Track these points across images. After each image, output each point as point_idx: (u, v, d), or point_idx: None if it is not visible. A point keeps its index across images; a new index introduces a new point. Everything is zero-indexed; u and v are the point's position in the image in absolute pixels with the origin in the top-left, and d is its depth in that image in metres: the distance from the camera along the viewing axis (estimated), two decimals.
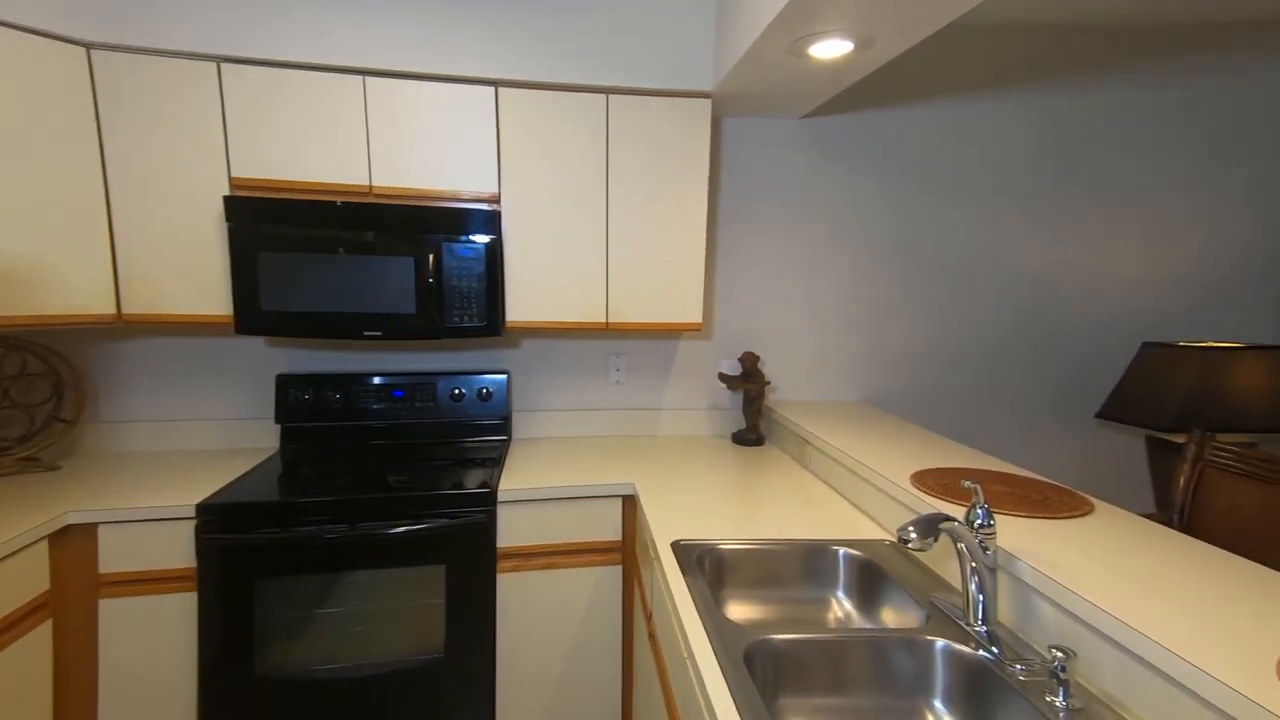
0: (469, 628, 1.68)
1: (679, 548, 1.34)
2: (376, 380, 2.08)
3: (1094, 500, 1.31)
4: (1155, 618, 0.84)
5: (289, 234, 1.71)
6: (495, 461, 1.92)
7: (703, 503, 1.62)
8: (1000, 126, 2.30)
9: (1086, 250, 2.38)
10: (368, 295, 1.77)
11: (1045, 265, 2.38)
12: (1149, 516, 1.63)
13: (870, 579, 1.31)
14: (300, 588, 1.60)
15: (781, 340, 2.40)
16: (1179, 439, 2.08)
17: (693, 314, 2.02)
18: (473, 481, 1.73)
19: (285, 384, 2.03)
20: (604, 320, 1.96)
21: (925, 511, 1.31)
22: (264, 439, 2.09)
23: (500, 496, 1.69)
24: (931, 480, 1.43)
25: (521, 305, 1.90)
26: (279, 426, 2.08)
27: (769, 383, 2.31)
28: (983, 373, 2.43)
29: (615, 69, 1.84)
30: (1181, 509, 1.54)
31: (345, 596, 1.63)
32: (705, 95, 1.88)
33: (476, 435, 2.14)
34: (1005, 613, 1.08)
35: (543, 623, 1.74)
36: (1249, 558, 1.39)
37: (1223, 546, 1.46)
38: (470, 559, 1.67)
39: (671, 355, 2.37)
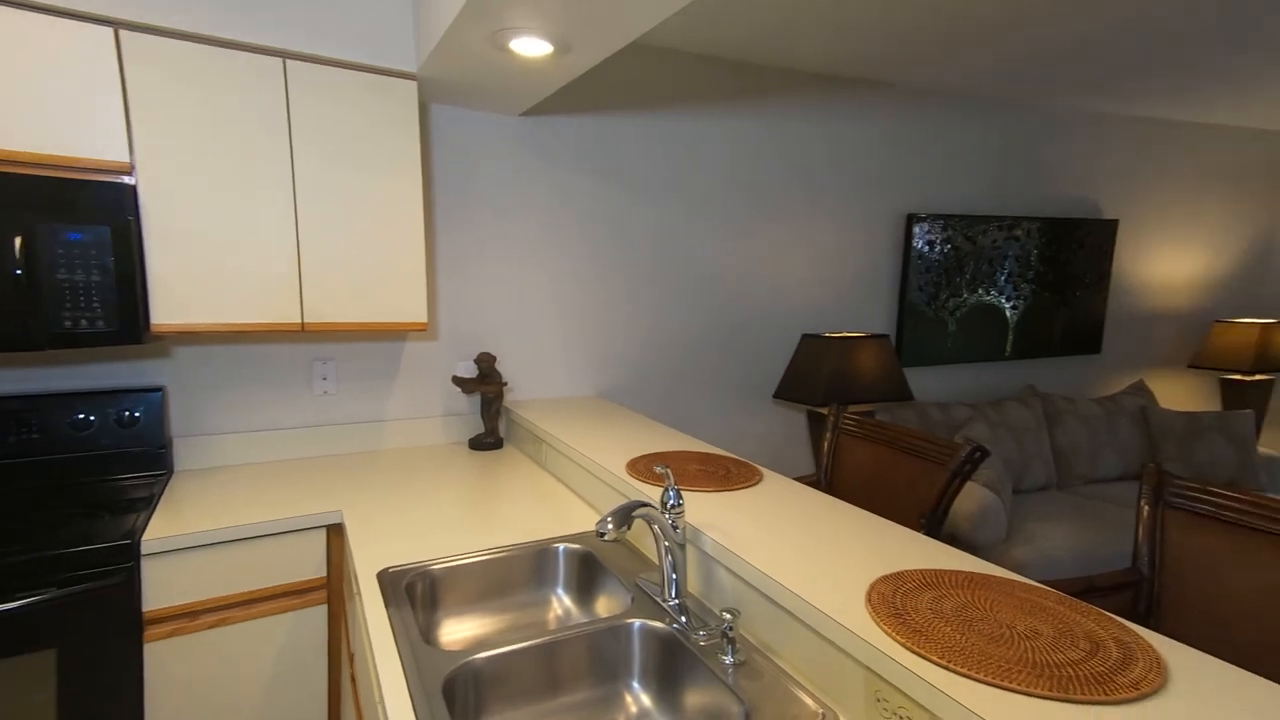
0: None
1: (386, 576, 1.21)
2: None
3: (764, 470, 1.54)
4: (789, 567, 1.01)
5: None
6: (145, 504, 1.51)
7: (426, 520, 1.50)
8: (697, 143, 2.60)
9: (763, 256, 2.83)
10: None
11: (735, 268, 2.77)
12: (806, 478, 2.00)
13: (588, 571, 1.35)
14: None
15: (518, 339, 2.37)
16: (826, 411, 2.62)
17: (416, 312, 1.86)
18: (104, 533, 1.33)
19: None
20: (298, 321, 1.69)
21: (635, 497, 1.40)
22: None
23: (146, 548, 1.33)
24: (643, 466, 1.53)
25: (173, 304, 1.52)
26: None
27: (506, 383, 2.26)
28: (692, 363, 2.73)
29: (293, 31, 1.58)
30: (826, 470, 1.92)
31: None
32: (410, 77, 1.73)
33: (118, 472, 1.66)
34: (695, 583, 1.20)
35: (215, 694, 1.43)
36: (866, 504, 1.80)
37: (850, 497, 1.87)
38: (97, 634, 1.28)
39: (396, 359, 2.17)
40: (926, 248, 3.08)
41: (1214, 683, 0.73)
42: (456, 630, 1.24)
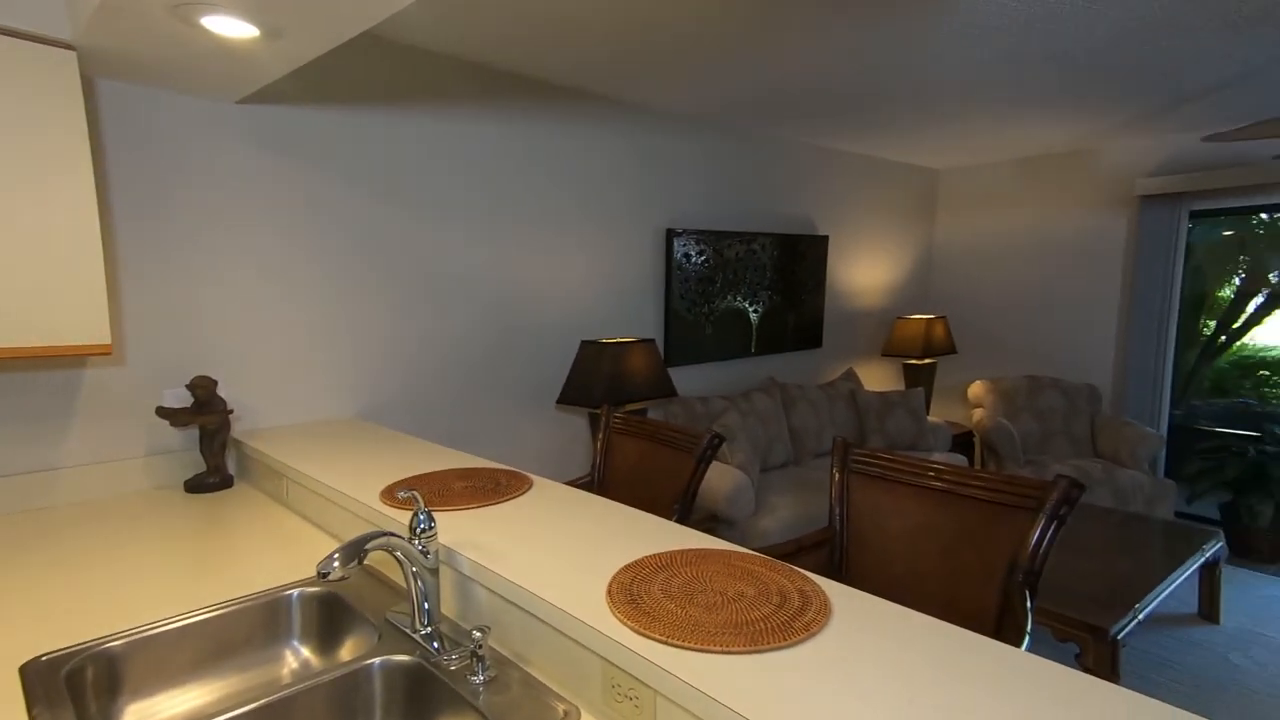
0: None
1: (37, 668, 0.95)
2: None
3: (534, 478, 1.56)
4: (541, 573, 1.03)
5: None
6: None
7: (111, 586, 1.21)
8: (463, 148, 2.52)
9: (543, 266, 2.86)
10: None
11: (513, 278, 2.76)
12: (583, 478, 2.07)
13: (331, 615, 1.22)
14: None
15: (250, 359, 2.05)
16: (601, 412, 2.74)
17: (95, 332, 1.50)
18: None
19: None
20: None
21: (389, 526, 1.30)
22: None
23: None
24: (400, 491, 1.44)
25: None
26: None
27: (232, 411, 1.94)
28: (473, 375, 2.65)
29: None
30: (599, 468, 2.01)
31: None
32: (65, 45, 1.39)
33: None
34: (452, 607, 1.16)
35: None
36: (633, 497, 1.91)
37: (620, 492, 1.97)
38: None
39: (73, 391, 1.73)
40: (685, 259, 3.40)
41: (863, 613, 0.91)
42: (153, 714, 1.03)
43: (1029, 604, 1.12)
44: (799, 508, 2.86)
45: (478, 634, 0.95)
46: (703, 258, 3.48)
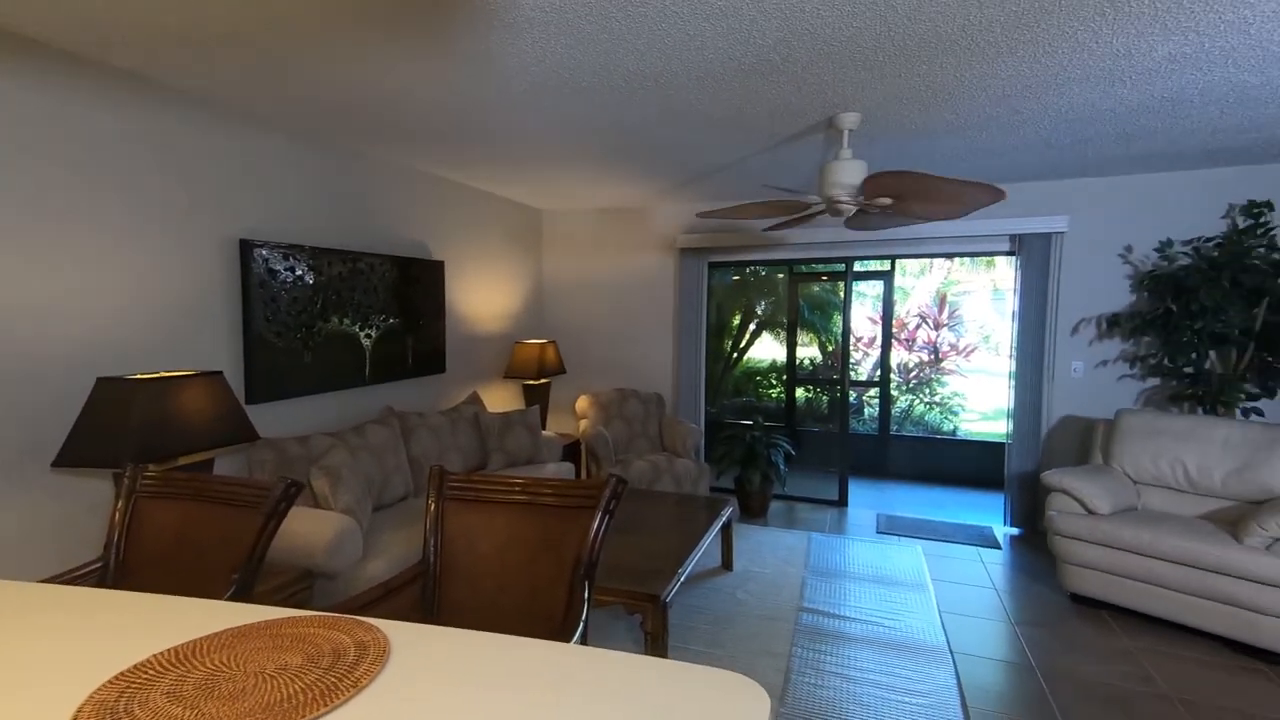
0: None
1: None
2: None
3: None
4: None
5: None
6: None
7: None
8: None
9: (33, 276, 2.04)
10: None
11: None
12: (92, 564, 1.54)
13: None
14: None
15: None
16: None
17: None
18: None
19: None
20: None
21: None
22: None
23: None
24: None
25: None
26: None
27: None
28: None
29: None
30: (117, 547, 1.51)
31: None
32: None
33: None
34: None
35: None
36: (171, 577, 1.50)
37: (149, 575, 1.52)
38: None
39: None
40: (270, 276, 2.92)
41: (422, 649, 0.89)
42: None
43: (586, 594, 1.28)
44: (413, 543, 2.73)
45: None
46: (296, 274, 3.05)
